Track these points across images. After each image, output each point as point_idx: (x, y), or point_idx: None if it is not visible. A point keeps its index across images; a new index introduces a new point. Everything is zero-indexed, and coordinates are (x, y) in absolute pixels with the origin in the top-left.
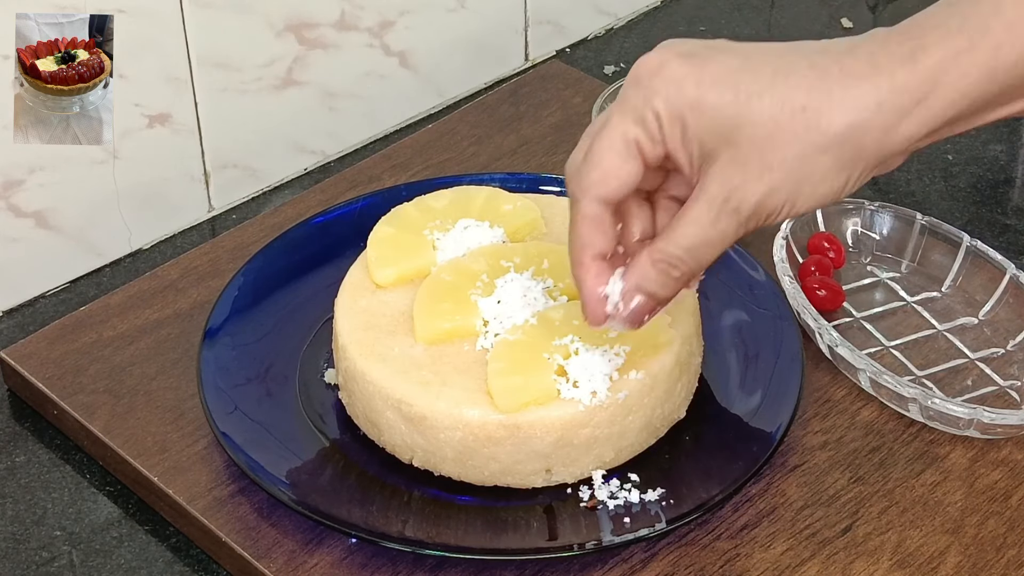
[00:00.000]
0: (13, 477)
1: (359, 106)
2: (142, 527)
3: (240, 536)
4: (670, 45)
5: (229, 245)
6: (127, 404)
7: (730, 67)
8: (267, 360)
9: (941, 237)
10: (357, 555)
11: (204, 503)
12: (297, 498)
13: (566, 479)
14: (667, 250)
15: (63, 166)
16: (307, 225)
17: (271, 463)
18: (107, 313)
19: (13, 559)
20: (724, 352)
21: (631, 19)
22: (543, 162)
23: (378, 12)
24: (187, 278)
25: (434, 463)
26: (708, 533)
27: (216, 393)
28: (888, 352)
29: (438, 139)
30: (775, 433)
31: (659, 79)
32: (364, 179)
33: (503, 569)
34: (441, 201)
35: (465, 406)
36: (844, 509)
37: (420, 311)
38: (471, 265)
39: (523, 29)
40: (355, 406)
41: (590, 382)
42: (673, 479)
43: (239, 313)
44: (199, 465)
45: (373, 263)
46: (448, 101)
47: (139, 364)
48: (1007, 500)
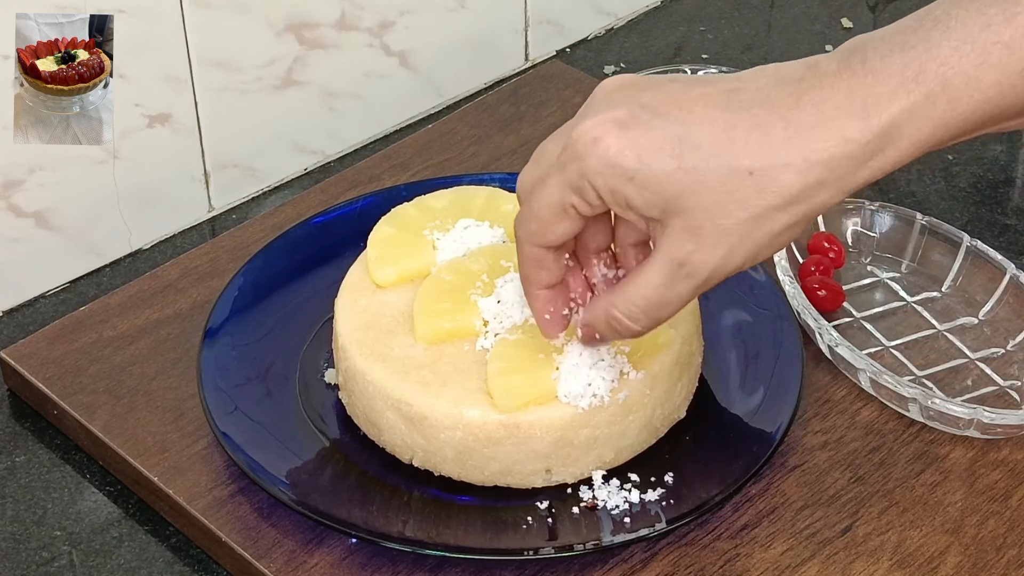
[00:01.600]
0: (13, 477)
1: (359, 106)
2: (142, 527)
3: (240, 536)
4: (608, 108)
5: (229, 245)
6: (127, 404)
7: (670, 135)
8: (267, 360)
9: (941, 237)
10: (357, 555)
11: (204, 503)
12: (297, 498)
13: (566, 479)
14: (621, 307)
15: (63, 166)
16: (307, 225)
17: (271, 463)
18: (107, 313)
19: (13, 559)
20: (724, 352)
21: (631, 19)
22: None
23: (378, 12)
24: (187, 278)
25: (434, 463)
26: (708, 533)
27: (216, 393)
28: (888, 352)
29: (438, 139)
30: (775, 433)
31: (595, 155)
32: (364, 179)
33: (503, 569)
34: (441, 201)
35: (465, 406)
36: (844, 509)
37: (420, 311)
38: (471, 265)
39: (523, 29)
40: (355, 406)
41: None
42: (673, 479)
43: (239, 313)
44: (199, 465)
45: (373, 263)
46: (448, 101)
47: (139, 364)
48: (1007, 500)
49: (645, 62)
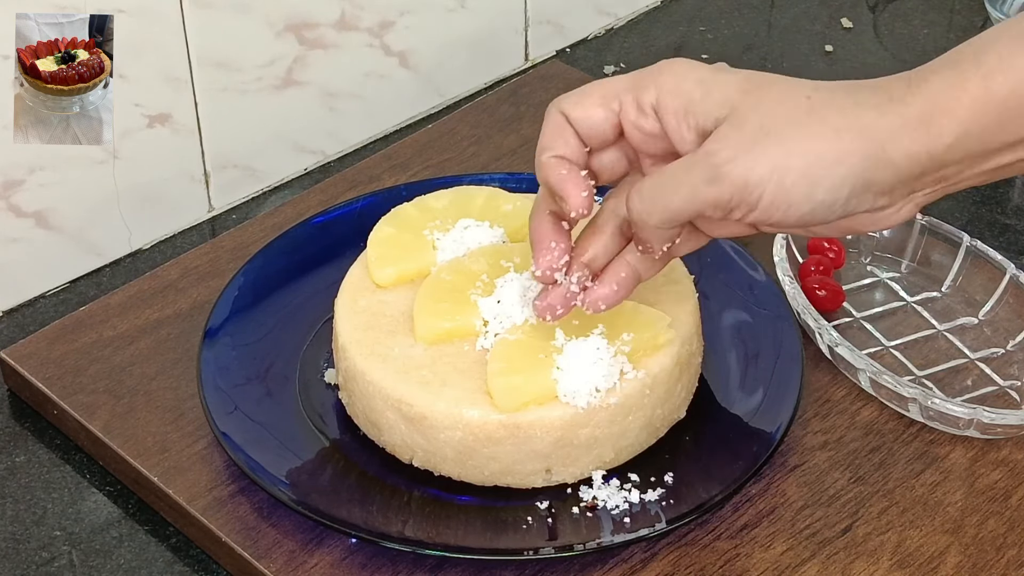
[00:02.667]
0: (13, 477)
1: (359, 106)
2: (142, 527)
3: (240, 536)
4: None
5: (229, 245)
6: (127, 404)
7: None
8: (267, 360)
9: (941, 237)
10: (357, 555)
11: (204, 503)
12: (297, 498)
13: (566, 479)
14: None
15: (63, 166)
16: (307, 225)
17: (271, 463)
18: (107, 313)
19: (13, 559)
20: (724, 352)
21: (631, 19)
22: None
23: (378, 12)
24: (187, 278)
25: (434, 463)
26: (708, 533)
27: (216, 393)
28: (888, 352)
29: (438, 139)
30: (775, 433)
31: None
32: (364, 179)
33: (503, 569)
34: (441, 201)
35: (465, 406)
36: (844, 509)
37: (420, 311)
38: (471, 265)
39: (523, 29)
40: (355, 406)
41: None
42: (673, 479)
43: (239, 313)
44: (199, 465)
45: (373, 263)
46: (448, 101)
47: (139, 364)
48: (1007, 500)
49: (645, 62)
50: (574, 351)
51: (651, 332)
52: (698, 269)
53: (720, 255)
